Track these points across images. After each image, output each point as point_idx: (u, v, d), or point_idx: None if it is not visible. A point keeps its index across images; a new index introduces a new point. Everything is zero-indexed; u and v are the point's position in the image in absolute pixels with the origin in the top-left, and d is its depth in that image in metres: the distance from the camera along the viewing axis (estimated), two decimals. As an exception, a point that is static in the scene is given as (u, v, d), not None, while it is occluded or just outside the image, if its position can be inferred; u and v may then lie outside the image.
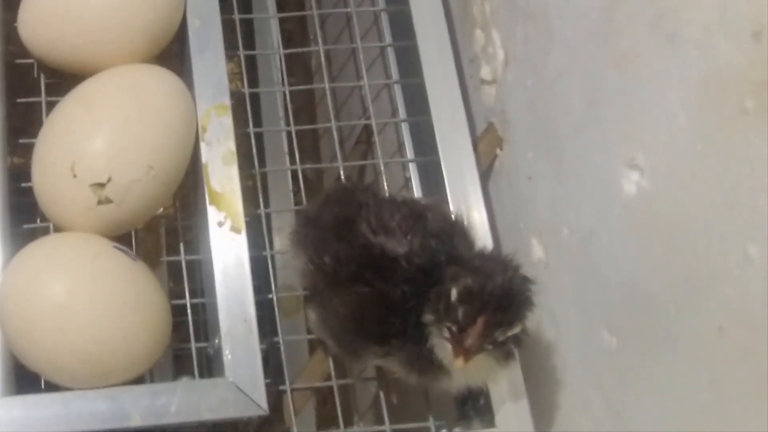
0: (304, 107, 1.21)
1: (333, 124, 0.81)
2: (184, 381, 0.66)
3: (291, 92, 0.84)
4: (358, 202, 0.67)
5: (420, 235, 0.64)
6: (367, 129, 1.05)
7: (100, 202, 0.65)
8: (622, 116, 0.64)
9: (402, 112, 0.83)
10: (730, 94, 0.52)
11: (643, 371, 0.64)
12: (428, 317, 0.62)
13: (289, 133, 0.83)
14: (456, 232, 0.67)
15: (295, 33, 1.20)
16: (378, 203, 0.67)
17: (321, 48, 0.85)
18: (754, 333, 0.52)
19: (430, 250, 0.64)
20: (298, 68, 1.23)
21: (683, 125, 0.57)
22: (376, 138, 0.82)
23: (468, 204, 0.74)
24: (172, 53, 0.76)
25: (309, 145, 1.24)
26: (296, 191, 0.98)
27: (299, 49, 1.07)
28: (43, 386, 0.67)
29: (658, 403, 0.62)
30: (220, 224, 0.68)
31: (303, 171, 0.79)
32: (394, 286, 0.63)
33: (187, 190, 0.74)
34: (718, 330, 0.55)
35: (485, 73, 0.84)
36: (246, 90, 0.79)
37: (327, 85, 0.83)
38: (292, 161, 0.81)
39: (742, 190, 0.52)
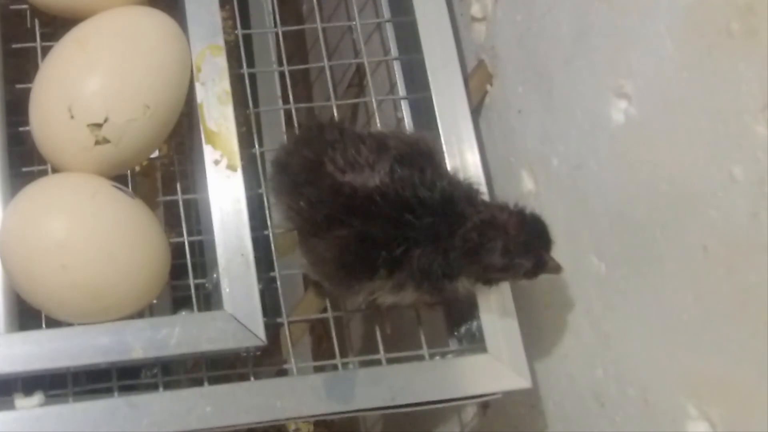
0: (296, 52, 1.21)
1: (326, 63, 0.82)
2: (184, 314, 0.67)
3: (283, 36, 0.84)
4: (325, 141, 0.67)
5: (385, 167, 0.65)
6: (359, 72, 1.06)
7: (97, 143, 0.66)
8: (610, 46, 0.65)
9: (394, 51, 0.83)
10: (716, 19, 0.53)
11: (630, 295, 0.65)
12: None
13: (282, 75, 0.84)
14: (422, 155, 0.67)
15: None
16: (344, 140, 0.67)
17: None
18: (737, 251, 0.54)
19: (399, 178, 0.65)
20: (290, 15, 1.23)
21: (670, 52, 0.58)
22: (369, 79, 0.82)
23: (460, 140, 0.75)
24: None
25: (301, 91, 1.24)
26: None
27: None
28: (44, 324, 0.68)
29: (645, 325, 0.64)
30: (216, 162, 0.69)
31: (296, 115, 0.79)
32: (371, 222, 0.64)
33: (183, 132, 0.75)
34: (703, 249, 0.56)
35: (475, 10, 0.84)
36: (239, 32, 0.79)
37: (319, 26, 0.83)
38: (286, 103, 0.81)
39: (727, 113, 0.53)
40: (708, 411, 0.58)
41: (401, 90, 0.82)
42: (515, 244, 0.65)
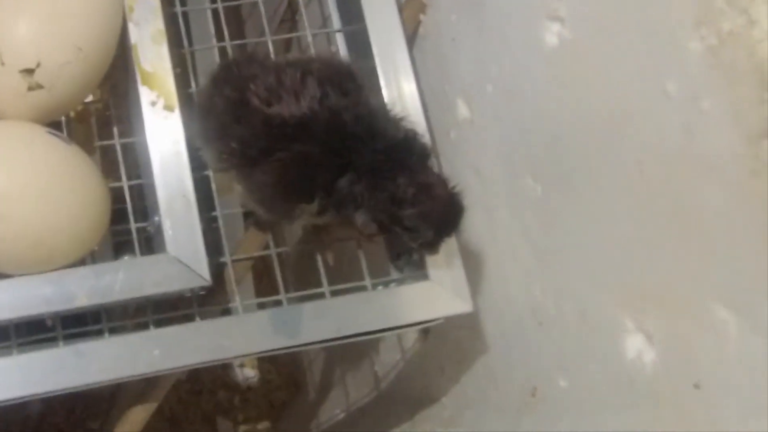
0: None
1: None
2: (127, 259, 0.67)
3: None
4: (245, 76, 0.66)
5: (311, 92, 0.64)
6: (291, 6, 1.04)
7: (30, 89, 0.64)
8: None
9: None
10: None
11: (567, 214, 0.67)
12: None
13: (215, 13, 0.82)
14: (344, 77, 0.67)
15: None
16: (264, 72, 0.66)
17: None
18: (671, 166, 0.55)
19: (327, 103, 0.64)
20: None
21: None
22: (303, 12, 0.81)
23: (396, 71, 0.75)
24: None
25: (234, 29, 1.22)
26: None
27: None
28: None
29: (581, 243, 0.65)
30: (153, 103, 0.68)
31: (232, 53, 0.78)
32: (308, 144, 0.63)
33: (117, 75, 0.73)
34: (637, 166, 0.58)
35: (403, -62, 0.84)
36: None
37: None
38: (220, 41, 0.80)
39: (661, 28, 0.54)
40: (644, 323, 0.60)
41: (335, 23, 0.81)
42: (435, 217, 0.65)
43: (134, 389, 0.88)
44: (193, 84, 0.76)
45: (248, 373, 1.34)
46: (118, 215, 0.71)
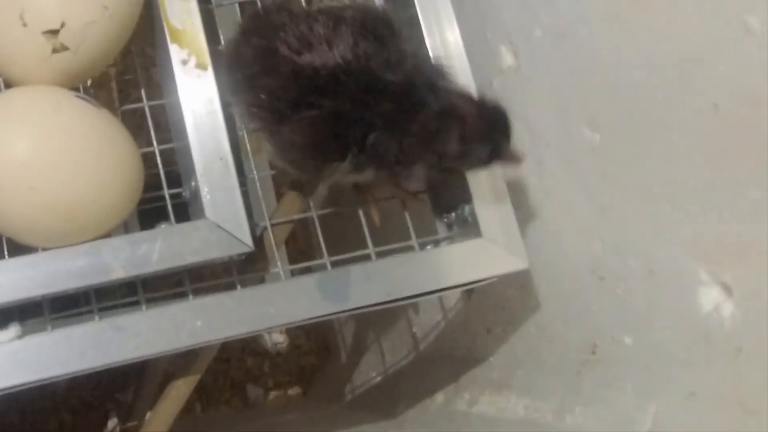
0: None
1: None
2: (164, 227, 0.63)
3: None
4: (274, 25, 0.62)
5: (344, 41, 0.60)
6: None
7: (55, 51, 0.60)
8: None
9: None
10: None
11: (629, 164, 0.63)
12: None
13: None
14: (379, 23, 0.63)
15: None
16: (294, 20, 0.62)
17: None
18: (752, 108, 0.51)
19: (361, 52, 0.60)
20: None
21: None
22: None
23: (438, 18, 0.70)
24: None
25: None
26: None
27: None
28: (5, 252, 0.63)
29: (647, 194, 0.61)
30: (184, 62, 0.64)
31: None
32: (339, 100, 0.60)
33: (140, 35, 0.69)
34: (713, 108, 0.54)
35: None
36: None
37: None
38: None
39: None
40: (722, 275, 0.56)
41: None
42: (472, 133, 0.61)
43: (166, 360, 0.85)
44: (222, 39, 0.72)
45: (277, 339, 1.31)
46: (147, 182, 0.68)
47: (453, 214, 0.70)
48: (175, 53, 0.64)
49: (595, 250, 0.67)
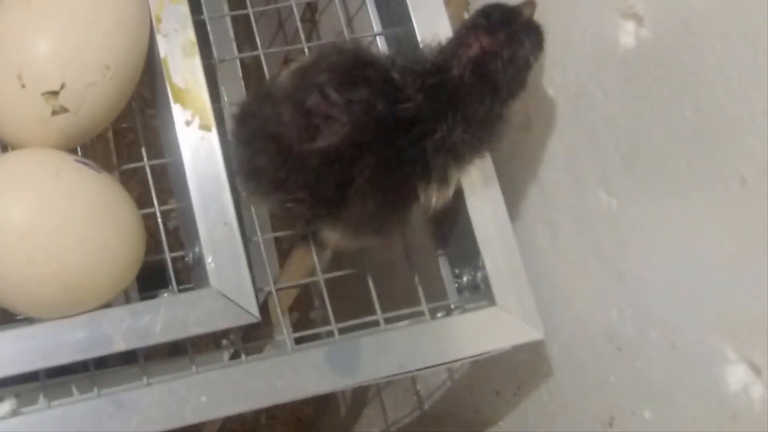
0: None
1: (293, 2, 0.74)
2: (167, 296, 0.60)
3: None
4: (268, 120, 0.60)
5: (340, 104, 0.59)
6: (310, 6, 0.98)
7: (54, 112, 0.58)
8: (612, -40, 0.59)
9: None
10: None
11: (648, 231, 0.61)
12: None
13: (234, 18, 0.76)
14: (358, 68, 0.61)
15: None
16: (282, 105, 0.60)
17: None
18: (782, 181, 0.49)
19: (368, 104, 0.59)
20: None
21: (690, -37, 0.52)
22: (340, 12, 0.75)
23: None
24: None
25: (242, 30, 1.16)
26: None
27: None
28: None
29: (669, 263, 0.59)
30: (188, 123, 0.61)
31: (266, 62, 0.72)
32: (377, 153, 0.59)
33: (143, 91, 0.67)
34: (740, 180, 0.52)
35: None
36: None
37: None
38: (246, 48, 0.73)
39: (765, 29, 0.48)
40: (749, 353, 0.54)
41: (375, 26, 0.74)
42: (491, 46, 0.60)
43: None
44: (224, 96, 0.70)
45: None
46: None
47: (464, 279, 0.68)
48: (179, 113, 0.62)
49: (612, 318, 0.65)
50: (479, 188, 0.66)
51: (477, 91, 0.60)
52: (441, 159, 0.60)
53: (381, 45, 0.72)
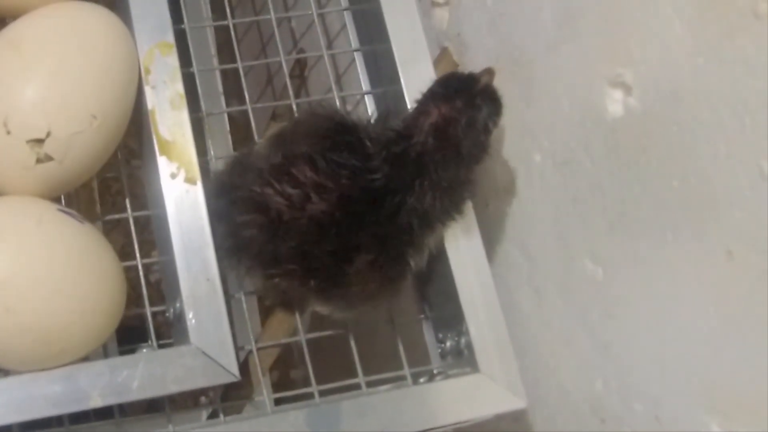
0: (224, 46, 1.13)
1: (282, 58, 0.74)
2: (146, 352, 0.59)
3: (221, 28, 0.77)
4: (252, 190, 0.60)
5: (330, 173, 0.59)
6: (299, 62, 0.98)
7: (39, 161, 0.58)
8: (602, 30, 0.59)
9: (353, 42, 0.76)
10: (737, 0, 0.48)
11: (634, 302, 0.60)
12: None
13: (224, 72, 0.76)
14: (339, 133, 0.62)
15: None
16: (265, 175, 0.60)
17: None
18: (768, 256, 0.49)
19: (356, 168, 0.60)
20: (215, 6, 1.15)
21: (679, 35, 0.52)
22: (332, 71, 0.75)
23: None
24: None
25: (231, 84, 1.16)
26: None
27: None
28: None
29: (655, 335, 0.59)
30: (173, 176, 0.61)
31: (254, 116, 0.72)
32: (369, 223, 0.60)
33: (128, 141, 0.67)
34: (727, 254, 0.51)
35: (436, -5, 0.78)
36: (186, 26, 0.70)
37: (273, 17, 0.76)
38: (235, 102, 0.74)
39: (754, 102, 0.48)
40: (734, 429, 0.53)
41: (364, 85, 0.74)
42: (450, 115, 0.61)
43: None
44: (211, 151, 0.69)
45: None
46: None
47: (448, 344, 0.67)
48: (164, 166, 0.62)
49: (597, 389, 0.64)
50: (464, 252, 0.66)
51: (440, 157, 0.61)
52: (415, 226, 0.61)
53: (369, 104, 0.73)
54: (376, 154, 0.60)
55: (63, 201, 0.64)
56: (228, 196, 0.62)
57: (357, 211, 0.59)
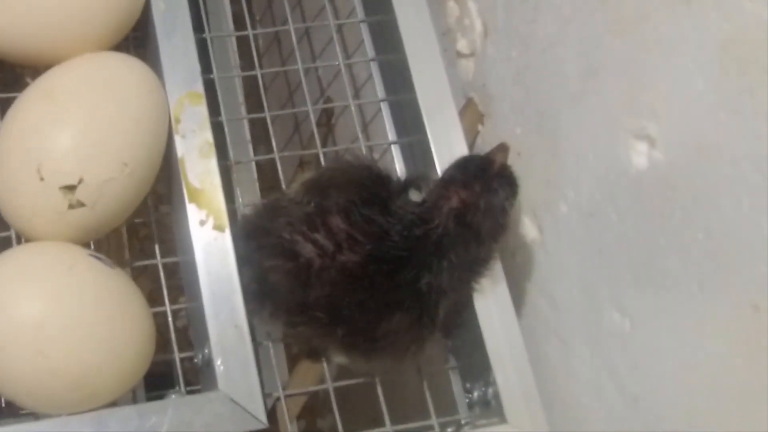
0: (251, 93, 1.15)
1: (309, 107, 0.76)
2: (174, 398, 0.60)
3: (250, 77, 0.78)
4: (281, 236, 0.61)
5: (358, 221, 0.60)
6: (326, 111, 1.00)
7: (71, 207, 0.59)
8: (626, 84, 0.60)
9: (380, 92, 0.77)
10: (758, 55, 0.49)
11: (663, 354, 0.60)
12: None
13: (251, 120, 0.78)
14: (372, 185, 0.63)
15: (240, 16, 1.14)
16: (295, 222, 0.61)
17: (291, 27, 0.79)
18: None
19: (382, 220, 0.61)
20: (243, 54, 1.17)
21: (701, 90, 0.53)
22: (357, 116, 0.77)
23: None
24: (132, 40, 0.69)
25: (259, 132, 1.18)
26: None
27: (272, 29, 1.00)
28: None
29: (684, 388, 0.58)
30: (202, 223, 0.62)
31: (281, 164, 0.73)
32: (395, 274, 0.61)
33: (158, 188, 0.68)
34: (754, 308, 0.51)
35: (462, 46, 0.80)
36: (215, 76, 0.72)
37: (300, 67, 0.77)
38: (263, 150, 0.75)
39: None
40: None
41: (390, 135, 0.76)
42: (479, 197, 0.63)
43: None
44: (239, 198, 0.71)
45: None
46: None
47: (475, 394, 0.67)
48: (193, 213, 0.63)
49: (624, 441, 0.64)
50: (491, 302, 0.66)
51: (460, 240, 0.63)
52: (431, 298, 0.62)
53: (395, 154, 0.74)
54: (397, 233, 0.62)
55: (92, 246, 0.66)
56: (256, 240, 0.63)
57: (386, 268, 0.59)
